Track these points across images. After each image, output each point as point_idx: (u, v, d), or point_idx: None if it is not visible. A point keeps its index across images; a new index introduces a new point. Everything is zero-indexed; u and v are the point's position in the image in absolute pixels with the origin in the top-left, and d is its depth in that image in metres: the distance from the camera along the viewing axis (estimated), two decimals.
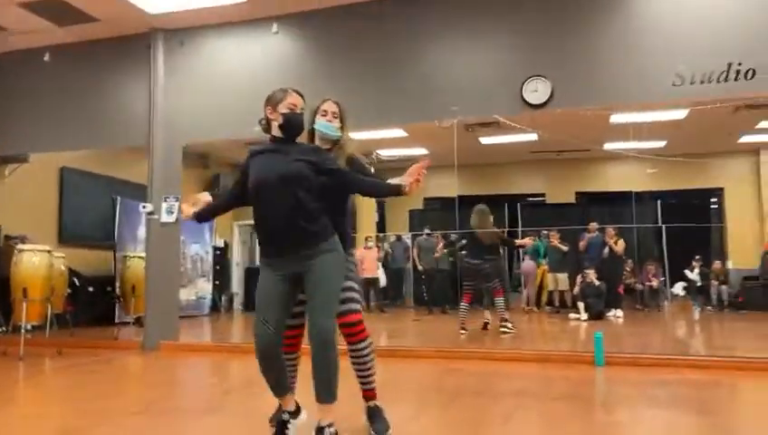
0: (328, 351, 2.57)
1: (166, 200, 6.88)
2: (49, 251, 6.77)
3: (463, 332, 7.02)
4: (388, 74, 6.35)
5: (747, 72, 5.17)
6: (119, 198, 9.40)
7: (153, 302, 6.87)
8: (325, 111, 3.04)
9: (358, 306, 2.96)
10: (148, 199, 6.95)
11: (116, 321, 8.83)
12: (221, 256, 11.97)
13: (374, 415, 3.01)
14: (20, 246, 6.74)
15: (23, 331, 6.02)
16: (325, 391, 2.60)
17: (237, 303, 12.49)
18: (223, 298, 11.99)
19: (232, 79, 6.88)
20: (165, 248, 6.92)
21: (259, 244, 2.78)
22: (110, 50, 7.39)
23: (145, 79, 7.16)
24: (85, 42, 7.44)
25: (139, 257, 7.86)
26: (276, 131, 2.75)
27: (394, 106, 6.31)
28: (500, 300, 7.34)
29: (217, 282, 11.67)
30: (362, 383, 3.02)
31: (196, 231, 11.13)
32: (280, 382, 2.70)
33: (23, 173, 8.52)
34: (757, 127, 9.82)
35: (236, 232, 13.13)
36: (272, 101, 2.76)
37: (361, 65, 6.48)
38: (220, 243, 11.97)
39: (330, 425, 2.61)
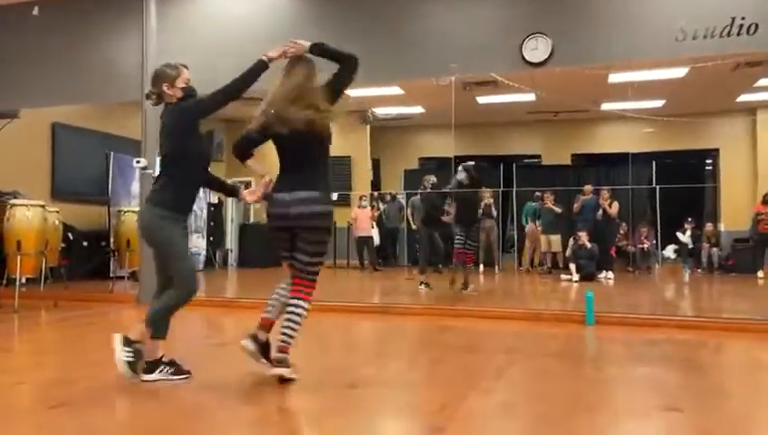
0: None
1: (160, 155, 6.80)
2: (42, 206, 6.74)
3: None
4: (385, 30, 6.23)
5: (750, 26, 5.10)
6: (112, 153, 9.32)
7: (148, 256, 6.85)
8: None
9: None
10: (142, 154, 6.88)
11: (111, 275, 8.87)
12: (215, 212, 11.96)
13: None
14: (13, 201, 6.70)
15: (17, 283, 6.05)
16: None
17: (232, 259, 12.54)
18: (217, 254, 12.03)
19: (226, 32, 6.73)
20: None
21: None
22: (101, 3, 7.19)
23: (137, 32, 6.99)
24: None
25: (133, 212, 7.84)
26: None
27: (392, 62, 6.21)
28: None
29: (212, 238, 11.69)
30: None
31: None
32: None
33: (13, 129, 8.38)
34: (755, 85, 9.76)
35: None
36: (167, 78, 3.10)
37: (358, 20, 6.34)
38: (214, 199, 11.93)
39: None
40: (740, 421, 2.64)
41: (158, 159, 3.30)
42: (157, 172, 6.69)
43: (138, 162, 6.86)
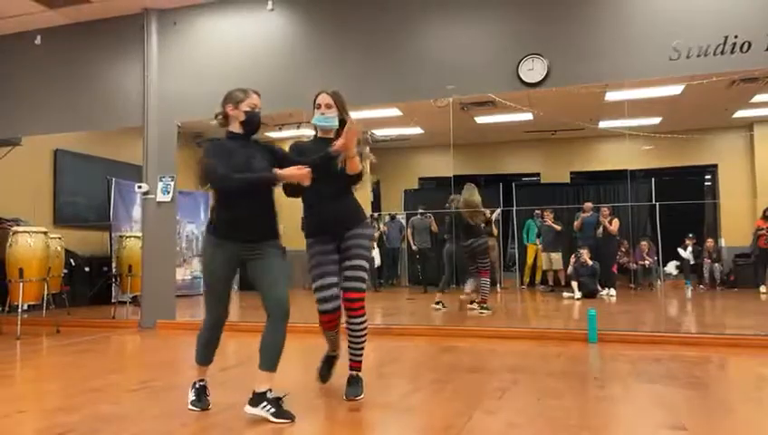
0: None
1: (161, 180, 6.87)
2: (45, 232, 6.77)
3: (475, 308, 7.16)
4: (383, 52, 6.32)
5: (743, 44, 5.18)
6: (113, 178, 9.38)
7: (149, 281, 6.90)
8: (319, 104, 3.28)
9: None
10: (143, 179, 6.94)
11: (113, 300, 8.87)
12: None
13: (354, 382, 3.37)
14: (15, 228, 6.74)
15: (19, 310, 6.05)
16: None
17: (233, 282, 12.49)
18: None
19: (226, 57, 6.84)
20: (161, 228, 6.94)
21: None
22: (103, 31, 7.32)
23: (139, 60, 7.10)
24: (78, 23, 7.37)
25: (135, 237, 7.86)
26: (236, 128, 3.05)
27: (390, 84, 6.30)
28: (485, 280, 7.38)
29: None
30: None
31: (191, 210, 11.12)
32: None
33: (16, 156, 8.46)
34: (751, 101, 9.82)
35: None
36: (233, 100, 3.04)
37: (357, 43, 6.44)
38: None
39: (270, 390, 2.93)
40: None
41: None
42: (167, 195, 6.78)
43: (139, 187, 6.92)
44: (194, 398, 3.12)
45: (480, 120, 10.95)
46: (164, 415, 3.02)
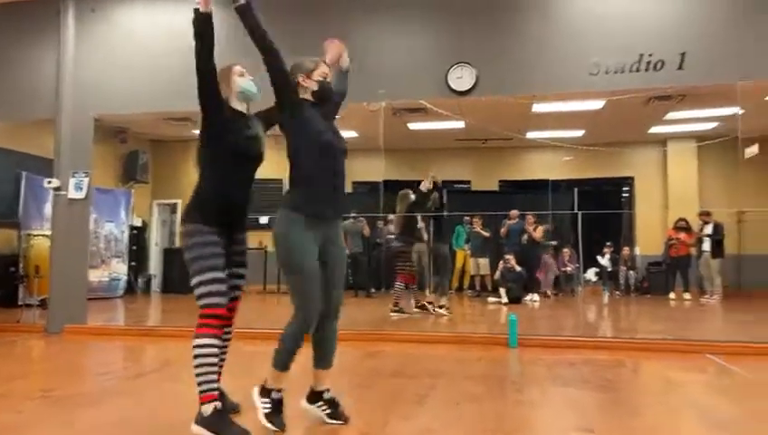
0: None
1: (74, 175, 6.48)
2: None
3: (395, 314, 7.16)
4: (314, 54, 6.22)
5: (657, 63, 5.46)
6: (24, 172, 8.79)
7: (58, 283, 6.49)
8: (242, 71, 3.13)
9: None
10: (55, 174, 6.52)
11: (19, 303, 8.29)
12: (138, 235, 11.46)
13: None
14: None
15: None
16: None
17: (155, 285, 12.01)
18: (140, 280, 11.50)
19: (148, 50, 6.54)
20: (72, 226, 6.54)
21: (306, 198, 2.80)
22: (15, 15, 6.84)
23: (53, 47, 6.69)
24: None
25: (45, 236, 7.40)
26: (308, 96, 2.91)
27: None
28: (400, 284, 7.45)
29: (134, 263, 11.17)
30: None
31: (110, 209, 10.58)
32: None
33: None
34: (665, 118, 10.41)
35: (156, 211, 12.59)
36: (304, 69, 2.98)
37: (286, 42, 6.31)
38: (137, 222, 11.45)
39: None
40: None
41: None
42: (80, 192, 6.38)
43: (49, 182, 6.50)
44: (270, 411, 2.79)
45: (413, 126, 11.05)
46: (62, 426, 2.81)
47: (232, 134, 2.82)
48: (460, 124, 10.47)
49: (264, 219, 12.09)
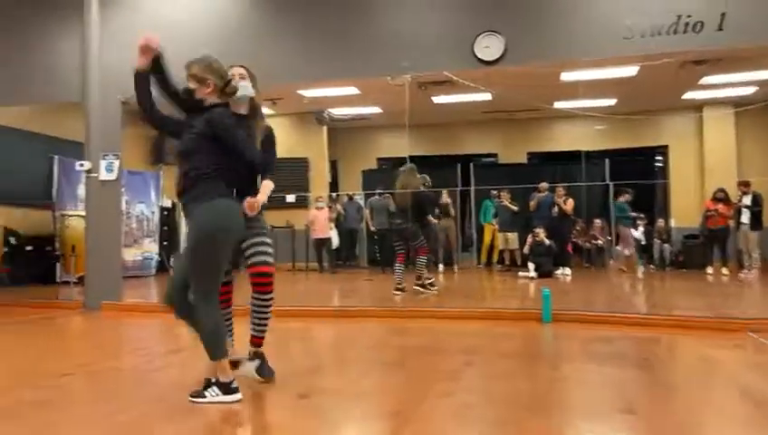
0: None
1: (105, 158, 6.55)
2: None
3: (398, 292, 6.94)
4: (337, 28, 6.13)
5: (696, 24, 5.21)
6: (56, 156, 8.96)
7: (94, 261, 6.61)
8: (233, 75, 3.21)
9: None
10: (86, 157, 6.60)
11: (57, 281, 8.53)
12: (168, 216, 11.61)
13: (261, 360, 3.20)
14: None
15: None
16: None
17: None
18: (171, 259, 11.67)
19: (173, 31, 6.47)
20: (105, 207, 6.63)
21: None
22: (42, 1, 6.87)
23: (78, 30, 6.71)
24: None
25: (79, 216, 7.53)
26: (219, 98, 2.95)
27: (344, 61, 6.12)
28: (422, 259, 7.19)
29: (165, 242, 11.34)
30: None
31: (141, 190, 10.72)
32: None
33: None
34: (700, 83, 10.02)
35: None
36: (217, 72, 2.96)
37: (309, 19, 6.23)
38: (167, 203, 11.58)
39: None
40: (689, 421, 2.65)
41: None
42: (110, 174, 6.45)
43: (81, 165, 6.59)
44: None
45: (438, 99, 10.87)
46: (98, 401, 2.85)
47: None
48: (486, 96, 10.26)
49: (290, 198, 12.14)
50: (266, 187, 3.11)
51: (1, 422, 2.50)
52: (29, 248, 8.77)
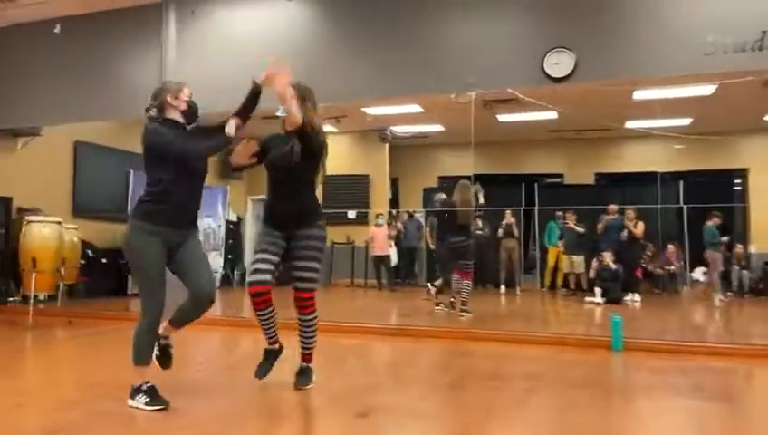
0: None
1: None
2: (59, 222, 6.73)
3: (463, 313, 6.74)
4: (403, 45, 6.14)
5: None
6: (132, 171, 9.37)
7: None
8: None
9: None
10: None
11: (128, 292, 8.85)
12: (234, 230, 11.92)
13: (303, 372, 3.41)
14: (29, 218, 6.71)
15: (31, 300, 6.01)
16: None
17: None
18: (235, 272, 11.96)
19: (243, 48, 6.71)
20: None
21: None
22: (121, 20, 7.25)
23: (156, 49, 7.02)
24: (97, 13, 7.30)
25: None
26: (177, 116, 3.09)
27: (409, 78, 6.11)
28: (468, 283, 6.94)
29: (230, 256, 11.63)
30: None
31: (209, 204, 11.05)
32: None
33: (36, 147, 8.48)
34: None
35: (250, 206, 13.07)
36: (171, 90, 3.10)
37: (376, 35, 6.28)
38: (233, 217, 11.90)
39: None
40: None
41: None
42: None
43: None
44: (149, 399, 2.96)
45: (503, 117, 10.72)
46: (166, 414, 2.89)
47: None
48: (552, 115, 10.03)
49: (351, 214, 12.22)
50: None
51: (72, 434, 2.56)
52: (104, 261, 9.17)
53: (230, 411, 2.95)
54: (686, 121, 10.58)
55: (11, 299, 7.23)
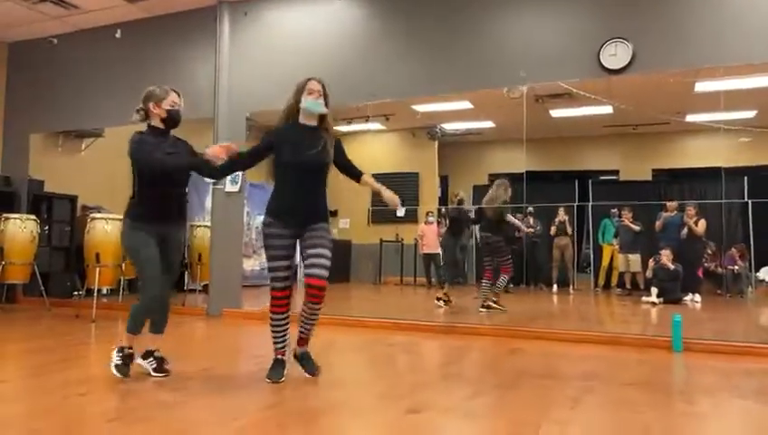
0: None
1: None
2: (121, 220, 7.00)
3: (482, 309, 6.96)
4: (454, 40, 6.09)
5: None
6: None
7: (217, 270, 7.00)
8: (312, 89, 3.44)
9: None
10: None
11: (185, 288, 9.13)
12: None
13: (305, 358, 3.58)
14: (93, 215, 7.01)
15: (95, 294, 6.28)
16: None
17: (300, 274, 12.60)
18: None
19: (295, 48, 6.82)
20: (229, 218, 7.02)
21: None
22: (178, 24, 7.49)
23: (211, 51, 7.21)
24: (155, 17, 7.56)
25: (205, 226, 8.02)
26: (158, 123, 3.44)
27: (460, 73, 6.05)
28: (503, 278, 7.07)
29: None
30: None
31: (261, 202, 11.25)
32: None
33: (98, 147, 8.86)
34: None
35: None
36: (155, 98, 3.42)
37: (424, 31, 6.25)
38: None
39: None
40: None
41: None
42: (235, 186, 6.91)
43: None
44: (120, 363, 3.40)
45: (555, 113, 10.46)
46: (218, 405, 2.96)
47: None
48: (608, 109, 9.72)
49: (400, 212, 12.21)
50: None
51: (133, 423, 2.65)
52: None
53: (279, 407, 2.99)
54: (751, 114, 10.07)
55: (76, 293, 7.58)
